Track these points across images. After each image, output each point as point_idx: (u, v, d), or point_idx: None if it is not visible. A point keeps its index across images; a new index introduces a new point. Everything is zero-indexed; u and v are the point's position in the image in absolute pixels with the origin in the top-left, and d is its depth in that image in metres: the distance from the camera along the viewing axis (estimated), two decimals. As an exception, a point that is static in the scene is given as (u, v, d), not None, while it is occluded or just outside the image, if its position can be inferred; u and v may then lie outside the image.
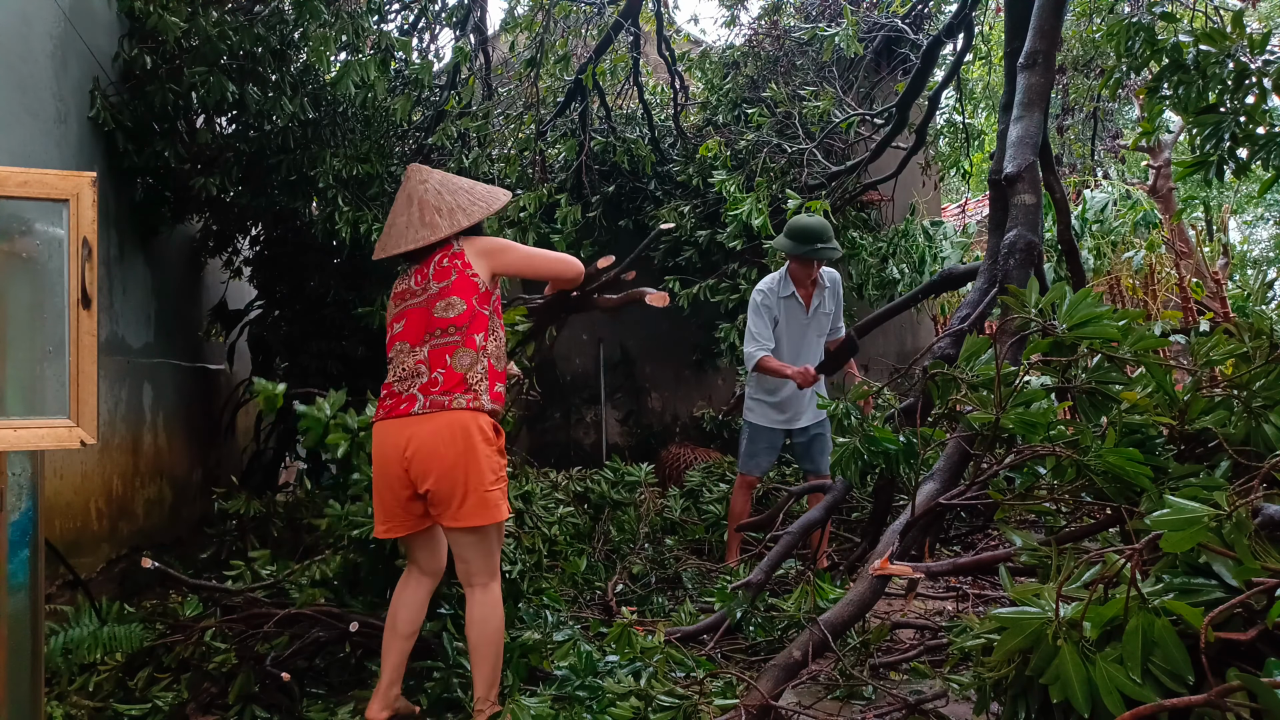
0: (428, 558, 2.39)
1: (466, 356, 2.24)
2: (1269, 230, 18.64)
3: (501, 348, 2.36)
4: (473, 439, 2.18)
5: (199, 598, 2.94)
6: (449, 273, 2.29)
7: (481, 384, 2.25)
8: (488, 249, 2.36)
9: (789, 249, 3.93)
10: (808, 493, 4.00)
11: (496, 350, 2.33)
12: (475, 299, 2.28)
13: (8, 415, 1.55)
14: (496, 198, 2.46)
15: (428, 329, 2.27)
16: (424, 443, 2.19)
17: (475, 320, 2.27)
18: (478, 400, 2.22)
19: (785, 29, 7.26)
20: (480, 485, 2.18)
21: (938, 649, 2.90)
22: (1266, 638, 1.35)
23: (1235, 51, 2.92)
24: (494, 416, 2.29)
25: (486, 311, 2.30)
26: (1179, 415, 1.98)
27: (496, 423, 2.30)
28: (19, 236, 1.60)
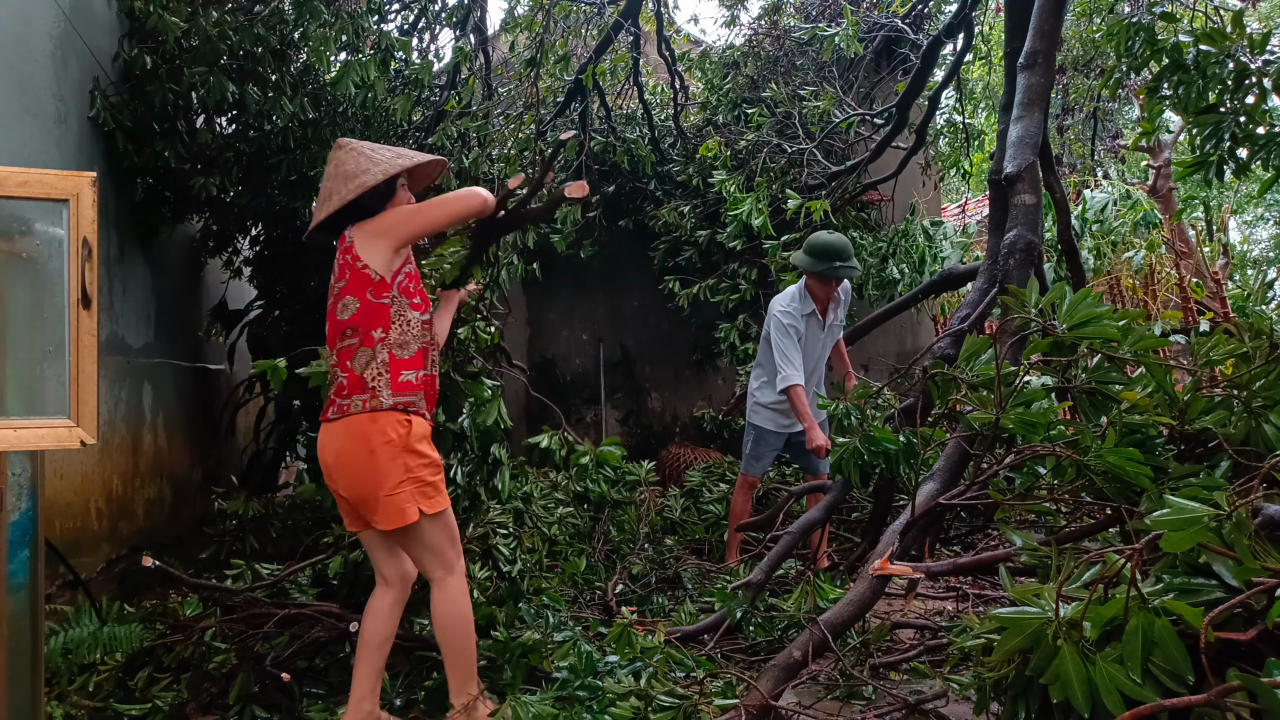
0: (384, 560, 2.31)
1: (364, 355, 2.15)
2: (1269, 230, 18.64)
3: (411, 329, 2.20)
4: (370, 443, 2.10)
5: (199, 598, 2.94)
6: (343, 270, 2.20)
7: (380, 379, 2.14)
8: (378, 229, 2.20)
9: (810, 266, 3.91)
10: (808, 493, 4.00)
11: (401, 336, 2.18)
12: (369, 293, 2.16)
13: (8, 415, 1.55)
14: (384, 166, 2.22)
15: (335, 331, 2.21)
16: (333, 451, 2.16)
17: (371, 316, 2.16)
18: (376, 399, 2.12)
19: (785, 29, 7.26)
20: (381, 490, 2.10)
21: (938, 649, 2.90)
22: (1266, 638, 1.35)
23: (1235, 51, 2.92)
24: (406, 409, 2.16)
25: (386, 300, 2.17)
26: (1179, 415, 1.98)
27: (411, 414, 2.17)
28: (19, 236, 1.60)
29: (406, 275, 2.22)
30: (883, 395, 3.44)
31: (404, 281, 2.21)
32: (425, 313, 2.25)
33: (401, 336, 2.18)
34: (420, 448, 2.17)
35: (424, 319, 2.24)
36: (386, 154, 2.27)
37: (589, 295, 7.66)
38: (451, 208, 2.25)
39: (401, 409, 2.15)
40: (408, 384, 2.17)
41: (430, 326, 2.28)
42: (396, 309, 2.18)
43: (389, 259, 2.18)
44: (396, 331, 2.17)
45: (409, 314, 2.20)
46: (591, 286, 7.57)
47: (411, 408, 2.17)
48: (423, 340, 2.23)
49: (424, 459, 2.17)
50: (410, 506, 2.12)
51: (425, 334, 2.24)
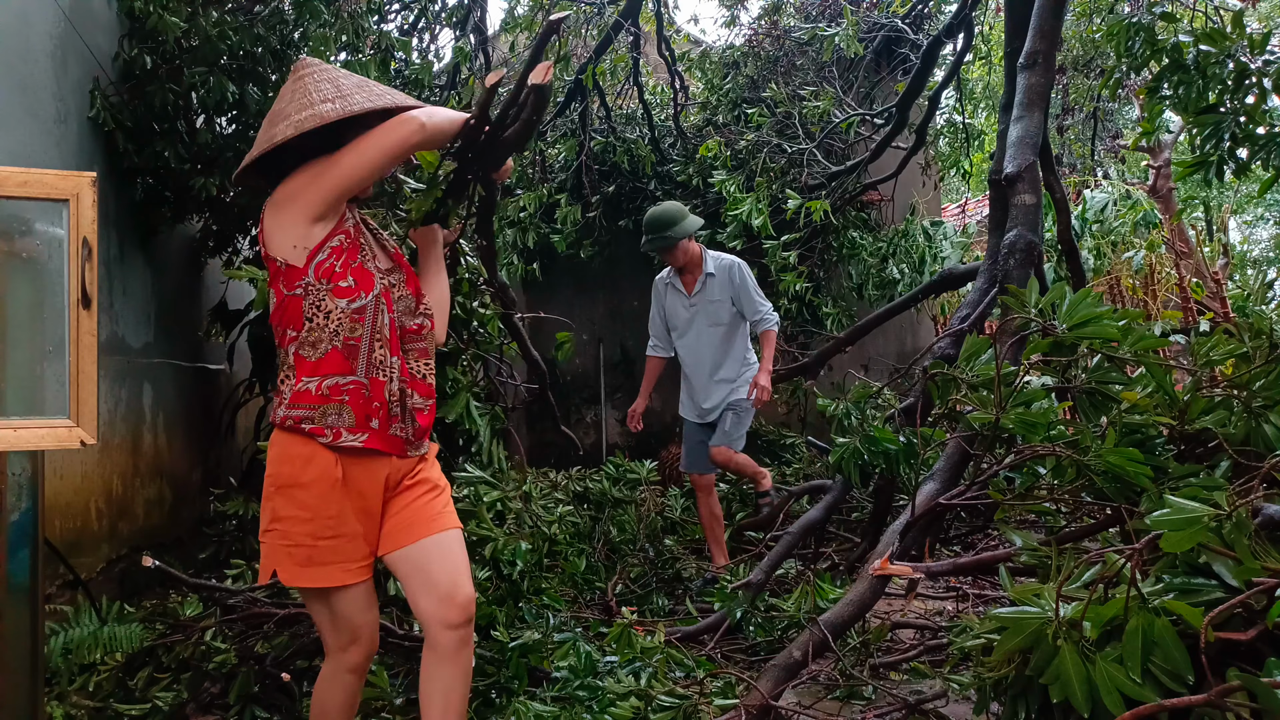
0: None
1: (280, 357, 1.80)
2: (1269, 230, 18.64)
3: (328, 322, 1.73)
4: (270, 472, 1.75)
5: (199, 598, 2.94)
6: (264, 258, 1.79)
7: (285, 385, 1.76)
8: (284, 196, 1.73)
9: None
10: (808, 493, 4.01)
11: (313, 333, 1.73)
12: (281, 283, 1.75)
13: (8, 415, 1.55)
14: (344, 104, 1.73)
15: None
16: None
17: (284, 312, 1.75)
18: (276, 410, 1.75)
19: (785, 29, 7.27)
20: (262, 533, 1.75)
21: (938, 649, 2.90)
22: (1266, 638, 1.35)
23: (1235, 51, 2.92)
24: (297, 426, 1.70)
25: (298, 289, 1.73)
26: (1179, 415, 1.98)
27: (309, 436, 1.71)
28: (19, 236, 1.60)
29: (332, 252, 1.73)
30: (883, 395, 3.44)
31: (326, 261, 1.73)
32: (358, 297, 1.74)
33: (314, 333, 1.73)
34: (294, 495, 1.70)
35: (355, 306, 1.74)
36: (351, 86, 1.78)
37: (589, 295, 7.66)
38: (380, 144, 1.70)
39: (292, 427, 1.71)
40: (305, 395, 1.71)
41: (365, 316, 1.75)
42: (312, 300, 1.73)
43: (303, 233, 1.71)
44: (309, 328, 1.73)
45: (329, 303, 1.73)
46: (591, 286, 7.57)
47: (307, 426, 1.70)
48: (347, 334, 1.73)
49: (299, 511, 1.69)
50: (269, 564, 1.74)
51: (355, 325, 1.74)
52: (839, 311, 6.74)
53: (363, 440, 1.73)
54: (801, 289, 6.15)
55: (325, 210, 1.72)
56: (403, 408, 1.80)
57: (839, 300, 6.93)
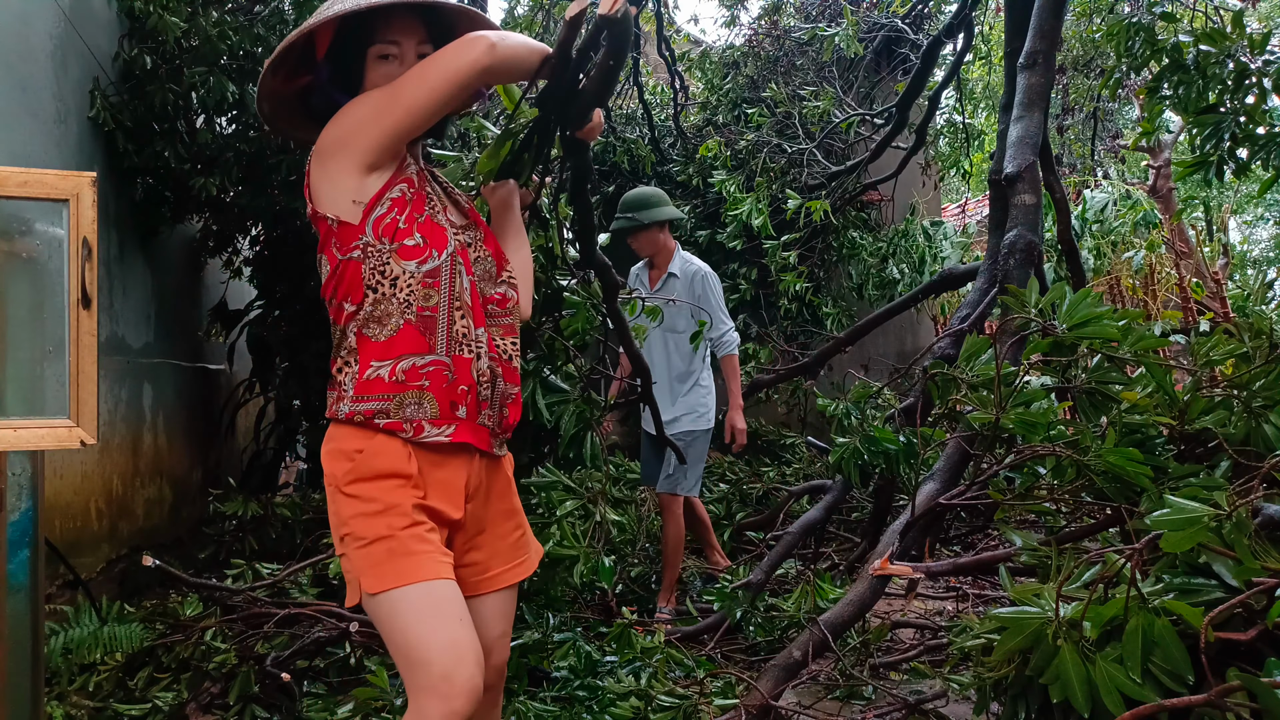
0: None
1: (336, 337, 1.50)
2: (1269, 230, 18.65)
3: (396, 292, 1.44)
4: (328, 472, 1.46)
5: (199, 598, 2.94)
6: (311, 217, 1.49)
7: (346, 373, 1.46)
8: (330, 142, 1.44)
9: None
10: (808, 493, 4.00)
11: (379, 306, 1.43)
12: (335, 245, 1.45)
13: (8, 415, 1.55)
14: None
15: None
16: None
17: (341, 280, 1.46)
18: (338, 404, 1.45)
19: (785, 29, 7.26)
20: (338, 547, 1.46)
21: (938, 649, 2.90)
22: (1266, 638, 1.35)
23: (1235, 51, 2.92)
24: (367, 422, 1.42)
25: (355, 252, 1.44)
26: (1179, 415, 1.98)
27: (379, 431, 1.42)
28: (19, 236, 1.60)
29: (392, 205, 1.45)
30: (883, 395, 3.44)
31: (386, 216, 1.44)
32: (430, 256, 1.45)
33: (379, 305, 1.44)
34: (359, 490, 1.41)
35: (427, 269, 1.44)
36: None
37: (589, 295, 7.64)
38: (445, 68, 1.40)
39: (363, 423, 1.42)
40: (375, 383, 1.42)
41: (440, 280, 1.46)
42: (374, 264, 1.44)
43: (357, 184, 1.43)
44: (372, 300, 1.44)
45: (394, 266, 1.43)
46: (591, 286, 7.56)
47: (381, 421, 1.42)
48: (421, 303, 1.44)
49: (367, 505, 1.40)
50: (353, 578, 1.41)
51: (429, 292, 1.44)
52: (839, 311, 6.74)
53: (450, 434, 1.44)
54: (801, 289, 6.15)
55: (383, 154, 1.43)
56: (493, 391, 1.51)
57: (839, 300, 6.93)
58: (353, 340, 1.46)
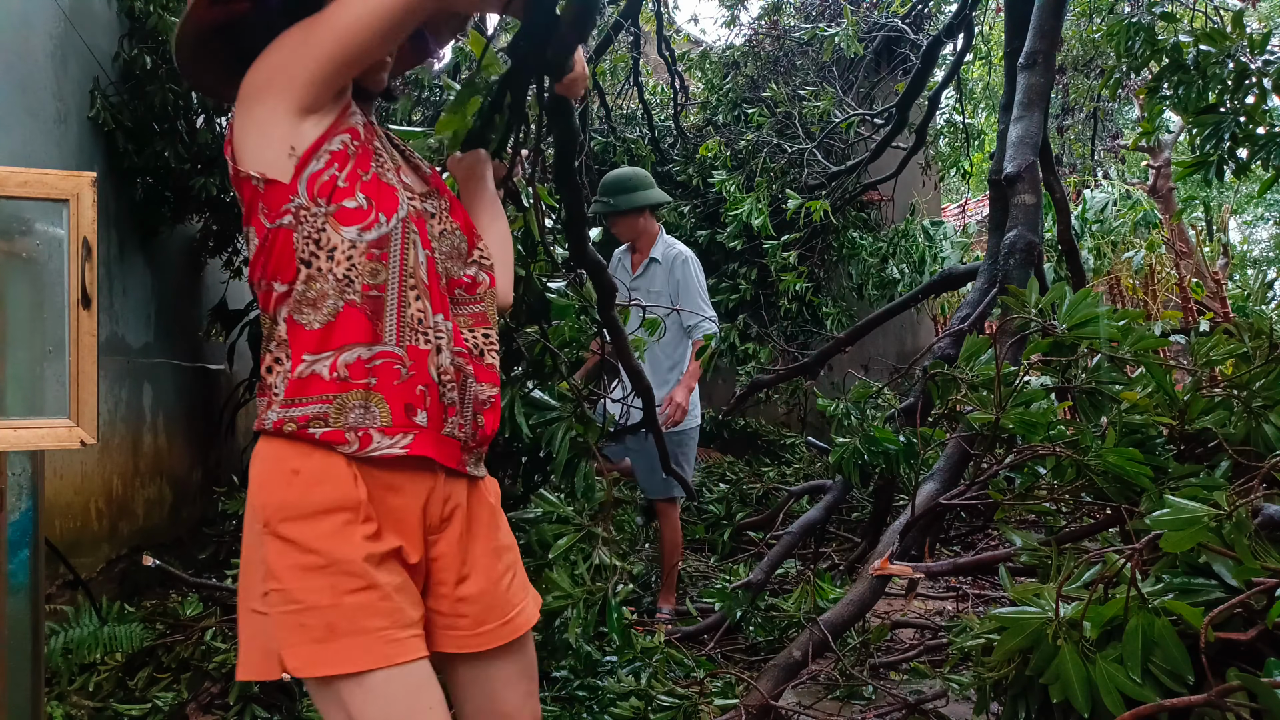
0: None
1: (266, 327, 1.20)
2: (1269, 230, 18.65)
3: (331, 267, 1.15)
4: (252, 503, 1.15)
5: (199, 597, 2.94)
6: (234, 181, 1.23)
7: (276, 372, 1.17)
8: (260, 81, 1.17)
9: None
10: (808, 493, 4.00)
11: (313, 285, 1.15)
12: (262, 211, 1.18)
13: (8, 415, 1.55)
14: None
15: None
16: None
17: (269, 254, 1.18)
18: (267, 412, 1.16)
19: (785, 29, 7.26)
20: (250, 600, 1.14)
21: (938, 649, 2.90)
22: (1266, 638, 1.35)
23: (1235, 51, 2.92)
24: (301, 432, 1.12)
25: (286, 217, 1.16)
26: (1179, 415, 1.98)
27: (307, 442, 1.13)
28: (19, 236, 1.60)
29: (331, 159, 1.17)
30: (883, 395, 3.44)
31: (323, 172, 1.16)
32: (375, 222, 1.17)
33: (313, 284, 1.15)
34: (295, 533, 1.09)
35: (372, 236, 1.16)
36: None
37: (589, 295, 7.64)
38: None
39: (295, 434, 1.13)
40: (311, 382, 1.13)
41: (389, 251, 1.17)
42: (307, 232, 1.15)
43: (288, 130, 1.15)
44: (304, 276, 1.16)
45: (332, 234, 1.15)
46: (591, 286, 7.56)
47: (318, 430, 1.12)
48: (366, 279, 1.15)
49: (304, 557, 1.09)
50: (270, 648, 1.10)
51: (376, 266, 1.16)
52: (839, 311, 6.74)
53: (406, 445, 1.15)
54: (801, 289, 6.16)
55: (319, 90, 1.14)
56: (462, 393, 1.22)
57: (839, 300, 6.94)
58: (283, 329, 1.16)
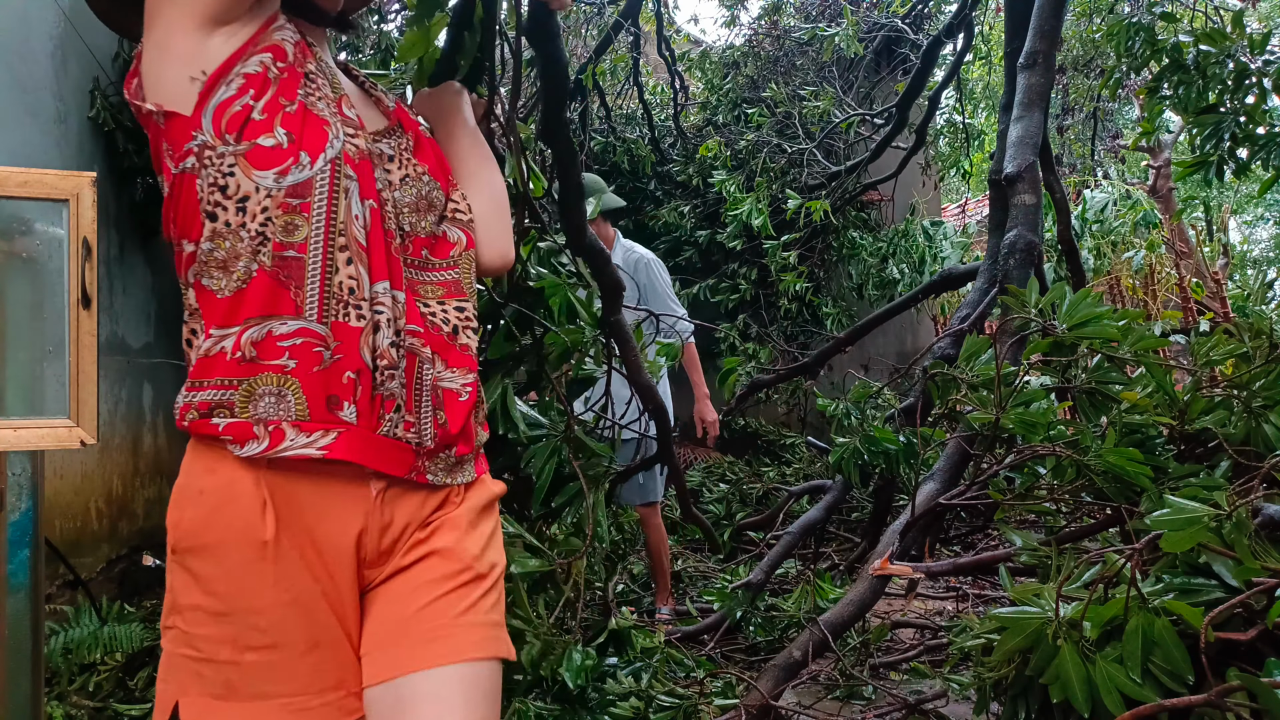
0: None
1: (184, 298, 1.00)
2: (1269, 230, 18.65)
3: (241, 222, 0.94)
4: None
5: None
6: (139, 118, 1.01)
7: (193, 348, 0.97)
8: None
9: None
10: (808, 493, 4.00)
11: (220, 245, 0.94)
12: (167, 154, 0.98)
13: (8, 415, 1.55)
14: None
15: None
16: None
17: (176, 204, 1.00)
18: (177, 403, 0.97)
19: (785, 29, 7.26)
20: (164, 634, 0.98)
21: (938, 649, 2.90)
22: (1266, 638, 1.35)
23: (1235, 51, 2.92)
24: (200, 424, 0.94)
25: (189, 160, 0.95)
26: (1179, 415, 1.98)
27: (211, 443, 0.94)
28: (19, 236, 1.60)
29: (246, 84, 0.94)
30: (883, 395, 3.44)
31: (235, 101, 0.94)
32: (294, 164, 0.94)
33: (219, 244, 0.94)
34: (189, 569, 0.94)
35: (289, 184, 0.94)
36: None
37: (589, 295, 7.64)
38: None
39: (200, 429, 0.94)
40: (215, 362, 0.94)
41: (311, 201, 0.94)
42: (213, 177, 0.94)
43: (195, 47, 0.94)
44: (210, 232, 0.95)
45: (242, 177, 0.94)
46: (591, 286, 7.56)
47: (220, 421, 0.92)
48: (280, 237, 0.94)
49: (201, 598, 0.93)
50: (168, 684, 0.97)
51: (293, 221, 0.94)
52: (839, 311, 6.74)
53: (326, 445, 0.92)
54: (801, 289, 6.16)
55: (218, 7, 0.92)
56: (415, 382, 0.98)
57: (839, 300, 6.94)
58: (193, 298, 0.97)
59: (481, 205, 1.18)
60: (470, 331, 1.07)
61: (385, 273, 0.99)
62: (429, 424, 1.00)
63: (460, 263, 1.09)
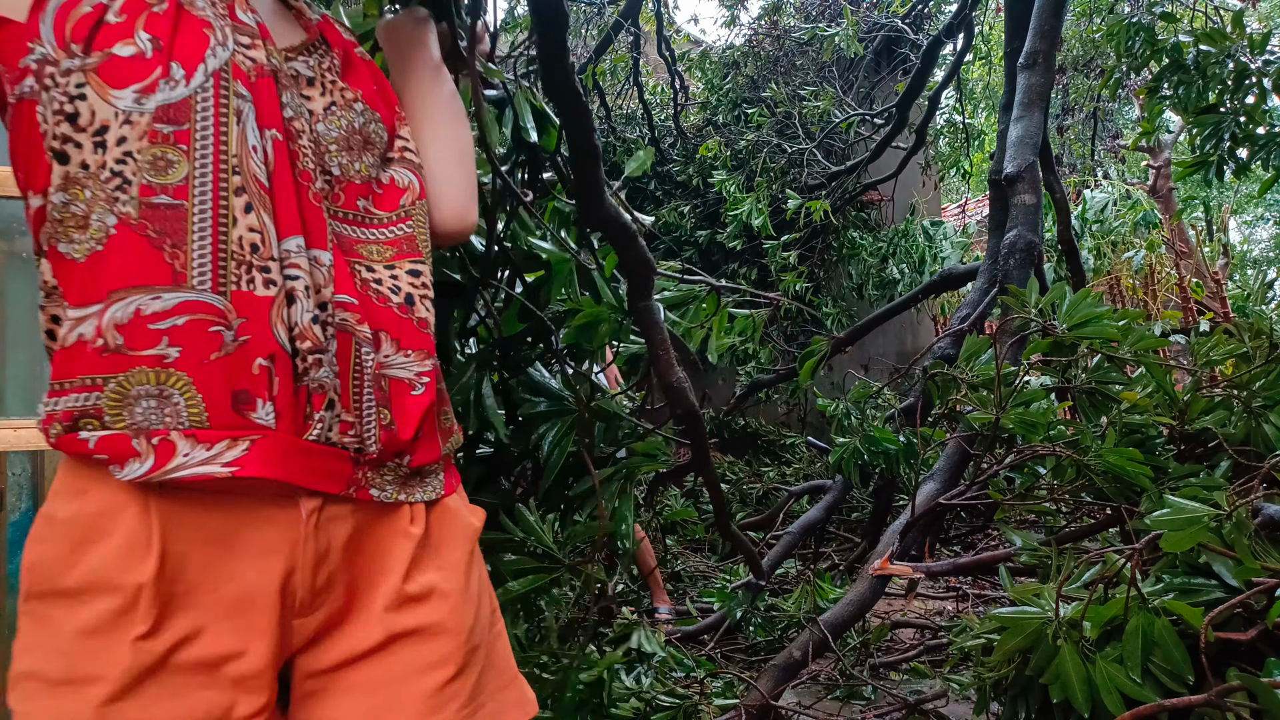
0: None
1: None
2: (1269, 230, 18.65)
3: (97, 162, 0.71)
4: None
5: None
6: None
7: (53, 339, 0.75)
8: None
9: None
10: (808, 493, 4.00)
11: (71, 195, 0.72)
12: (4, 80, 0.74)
13: (8, 415, 1.55)
14: None
15: None
16: None
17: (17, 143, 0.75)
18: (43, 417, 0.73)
19: (785, 29, 7.27)
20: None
21: (938, 649, 2.90)
22: (1266, 638, 1.35)
23: (1235, 51, 2.92)
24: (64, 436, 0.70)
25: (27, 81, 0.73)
26: (1179, 415, 1.98)
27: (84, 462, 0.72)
28: (19, 236, 1.60)
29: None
30: (883, 395, 3.44)
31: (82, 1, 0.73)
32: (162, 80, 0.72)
33: (71, 195, 0.72)
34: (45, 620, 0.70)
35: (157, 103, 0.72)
36: None
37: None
38: None
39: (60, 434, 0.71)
40: (77, 353, 0.71)
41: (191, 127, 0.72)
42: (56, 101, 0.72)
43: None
44: (60, 177, 0.72)
45: (98, 102, 0.71)
46: (591, 286, 7.56)
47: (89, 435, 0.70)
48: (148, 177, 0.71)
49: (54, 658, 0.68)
50: None
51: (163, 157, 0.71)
52: (839, 311, 6.74)
53: (236, 459, 0.71)
54: (801, 289, 6.16)
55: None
56: (350, 371, 0.78)
57: (839, 300, 6.94)
58: (49, 271, 0.75)
59: (439, 154, 0.95)
60: (429, 303, 0.86)
61: (298, 225, 0.76)
62: (373, 424, 0.78)
63: (414, 214, 0.88)
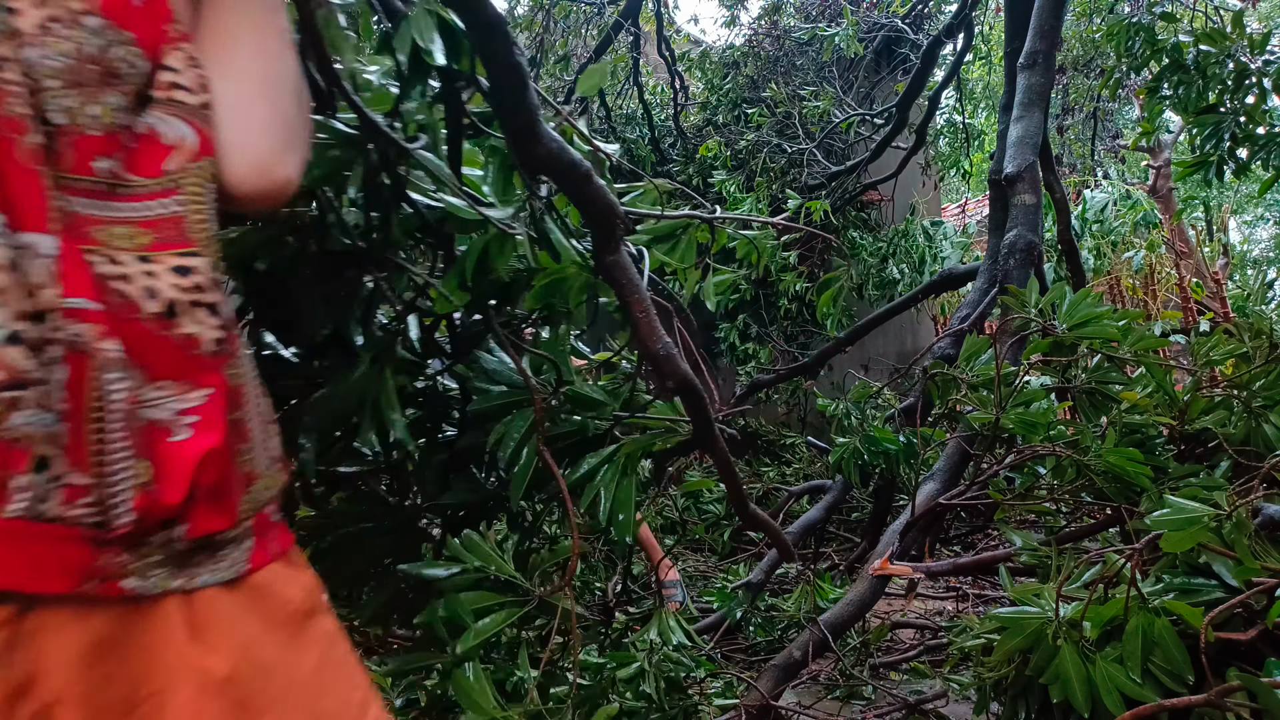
0: None
1: None
2: (1269, 230, 18.65)
3: None
4: None
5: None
6: None
7: None
8: None
9: None
10: (808, 493, 4.00)
11: None
12: None
13: None
14: None
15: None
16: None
17: None
18: None
19: (785, 29, 7.27)
20: None
21: (938, 649, 2.90)
22: (1266, 638, 1.35)
23: (1235, 51, 2.92)
24: None
25: None
26: (1179, 415, 1.98)
27: None
28: (19, 236, 1.60)
29: None
30: (883, 395, 3.44)
31: None
32: None
33: None
34: None
35: None
36: None
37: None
38: None
39: None
40: None
41: None
42: None
43: None
44: None
45: None
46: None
47: None
48: None
49: None
50: None
51: None
52: (839, 311, 6.74)
53: None
54: (801, 289, 6.16)
55: None
56: (84, 410, 0.55)
57: (839, 300, 6.94)
58: None
59: (236, 86, 0.67)
60: (207, 312, 0.61)
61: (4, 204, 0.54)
62: (124, 486, 0.55)
63: (185, 184, 0.63)
